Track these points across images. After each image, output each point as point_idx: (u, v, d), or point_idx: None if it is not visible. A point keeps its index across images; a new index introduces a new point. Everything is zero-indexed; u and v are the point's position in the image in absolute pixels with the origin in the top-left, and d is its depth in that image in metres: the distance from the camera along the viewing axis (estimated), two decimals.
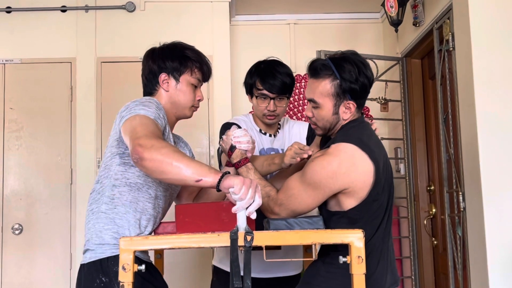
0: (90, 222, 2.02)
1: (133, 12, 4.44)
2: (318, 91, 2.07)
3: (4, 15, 4.38)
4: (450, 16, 3.44)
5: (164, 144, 1.78)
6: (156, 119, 1.95)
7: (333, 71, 2.04)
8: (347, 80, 2.03)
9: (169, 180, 1.80)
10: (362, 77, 2.05)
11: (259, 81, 2.55)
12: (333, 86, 2.05)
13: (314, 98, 2.08)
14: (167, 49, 2.18)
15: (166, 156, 1.74)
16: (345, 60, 2.06)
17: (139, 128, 1.85)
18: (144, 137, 1.79)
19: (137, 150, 1.76)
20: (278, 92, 2.53)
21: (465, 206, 3.30)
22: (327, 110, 2.08)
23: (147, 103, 1.99)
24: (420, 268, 4.28)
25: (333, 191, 1.98)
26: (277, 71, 2.54)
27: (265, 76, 2.54)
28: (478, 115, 3.12)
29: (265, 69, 2.56)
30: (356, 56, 2.09)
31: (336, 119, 2.09)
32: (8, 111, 4.29)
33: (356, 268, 1.69)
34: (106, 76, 4.35)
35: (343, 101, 2.06)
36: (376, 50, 4.73)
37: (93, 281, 1.94)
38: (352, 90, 2.04)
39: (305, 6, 4.74)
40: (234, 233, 1.67)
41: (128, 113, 1.95)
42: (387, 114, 4.54)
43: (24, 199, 4.22)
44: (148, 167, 1.76)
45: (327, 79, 2.05)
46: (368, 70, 2.08)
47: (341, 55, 2.10)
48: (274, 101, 2.55)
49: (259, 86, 2.55)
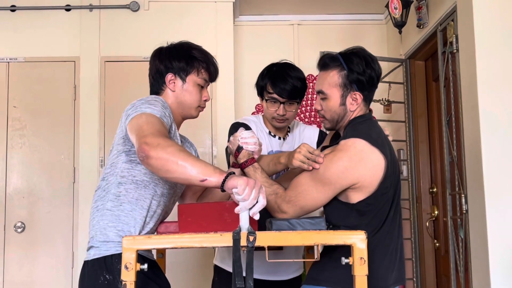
0: (94, 219, 2.03)
1: (137, 12, 4.44)
2: (327, 82, 2.13)
3: (9, 14, 4.39)
4: (454, 18, 3.44)
5: (170, 143, 1.79)
6: (162, 117, 1.95)
7: (341, 62, 2.11)
8: (354, 71, 2.09)
9: (174, 179, 1.81)
10: (369, 69, 2.10)
11: (270, 84, 2.52)
12: (341, 77, 2.11)
13: (323, 89, 2.14)
14: (174, 49, 2.18)
15: (171, 154, 1.74)
16: (353, 54, 2.14)
17: (145, 126, 1.86)
18: (150, 136, 1.80)
19: (143, 148, 1.76)
20: (289, 97, 2.50)
21: (467, 208, 3.30)
22: (335, 100, 2.12)
23: (153, 102, 1.99)
24: (422, 270, 4.28)
25: (343, 186, 1.99)
26: (289, 75, 2.51)
27: (276, 79, 2.51)
28: (482, 117, 3.11)
29: (277, 72, 2.54)
30: (364, 51, 2.16)
31: (344, 111, 2.13)
32: (11, 109, 4.29)
33: (359, 269, 1.69)
34: (110, 75, 4.35)
35: (350, 92, 2.11)
36: (379, 52, 4.73)
37: (96, 278, 1.94)
38: (359, 81, 2.10)
39: (309, 7, 4.74)
40: (237, 233, 1.67)
41: (134, 111, 1.95)
42: (390, 115, 4.54)
43: (26, 198, 4.23)
44: (153, 165, 1.76)
45: (334, 70, 2.12)
46: (376, 64, 2.14)
47: (349, 50, 2.17)
48: (284, 105, 2.52)
49: (270, 89, 2.52)
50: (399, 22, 4.10)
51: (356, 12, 4.84)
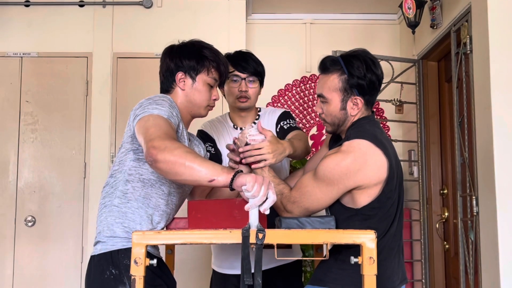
0: (102, 215, 2.04)
1: (150, 8, 4.45)
2: (327, 86, 2.10)
3: (22, 9, 4.42)
4: (468, 19, 3.42)
5: (177, 145, 1.80)
6: (169, 117, 1.95)
7: (341, 66, 2.07)
8: (354, 75, 2.06)
9: (183, 181, 1.82)
10: (370, 74, 2.07)
11: (230, 64, 2.55)
12: (341, 81, 2.08)
13: (323, 93, 2.11)
14: (185, 47, 2.18)
15: (179, 157, 1.75)
16: (354, 57, 2.09)
17: (153, 129, 1.86)
18: (157, 139, 1.81)
19: (151, 153, 1.78)
20: (249, 72, 2.57)
21: (478, 210, 3.28)
22: (335, 105, 2.10)
23: (160, 101, 1.99)
24: (431, 271, 4.26)
25: (347, 187, 1.98)
26: (249, 56, 2.61)
27: (235, 59, 2.58)
28: (494, 119, 3.09)
29: (236, 55, 2.62)
30: (366, 54, 2.12)
31: (344, 115, 2.11)
32: (24, 104, 4.32)
33: (368, 269, 1.68)
34: (122, 71, 4.37)
35: (351, 96, 2.08)
36: (392, 52, 4.72)
37: (103, 272, 1.95)
38: (359, 85, 2.07)
39: (321, 6, 4.73)
40: (246, 231, 1.67)
41: (142, 111, 1.96)
42: (402, 116, 4.52)
43: (37, 192, 4.25)
44: (162, 169, 1.78)
45: (335, 73, 2.09)
46: (378, 68, 2.10)
47: (351, 53, 2.13)
48: (245, 81, 2.57)
49: (231, 68, 2.56)
50: (413, 22, 4.08)
51: (369, 12, 4.83)
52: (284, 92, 4.80)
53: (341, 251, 2.02)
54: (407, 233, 4.47)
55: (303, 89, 4.82)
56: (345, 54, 2.13)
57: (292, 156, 2.33)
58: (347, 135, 2.09)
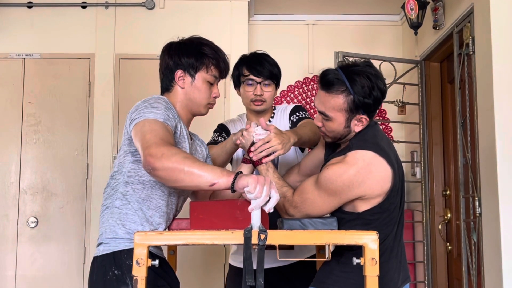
0: (104, 217, 2.04)
1: (153, 10, 4.46)
2: (330, 106, 2.02)
3: (25, 10, 4.43)
4: (471, 19, 3.41)
5: (175, 151, 1.78)
6: (166, 120, 1.93)
7: (346, 86, 1.99)
8: (360, 95, 1.98)
9: (184, 187, 1.82)
10: (376, 91, 2.00)
11: (245, 67, 2.59)
12: (346, 102, 2.00)
13: (326, 112, 2.04)
14: (183, 44, 2.16)
15: (177, 163, 1.74)
16: (358, 74, 1.99)
17: (149, 135, 1.84)
18: (154, 146, 1.79)
19: (148, 161, 1.76)
20: (264, 76, 2.57)
21: (481, 211, 3.27)
22: (339, 124, 2.04)
23: (156, 104, 1.97)
24: (434, 273, 4.25)
25: (349, 198, 1.98)
26: (264, 58, 2.61)
27: (250, 62, 2.59)
28: (497, 120, 3.09)
29: (251, 57, 2.63)
30: (369, 68, 2.03)
31: (347, 132, 2.07)
32: (26, 105, 4.33)
33: (370, 270, 1.68)
34: (124, 72, 4.37)
35: (356, 115, 2.03)
36: (394, 53, 4.71)
37: (105, 273, 1.95)
38: (366, 104, 2.00)
39: (324, 6, 4.73)
40: (248, 231, 1.67)
41: (137, 116, 1.94)
42: (404, 117, 4.52)
43: (40, 193, 4.25)
44: (161, 177, 1.77)
45: (340, 94, 2.00)
46: (382, 82, 2.03)
47: (353, 66, 2.04)
48: (260, 85, 2.58)
49: (246, 72, 2.58)
50: (415, 23, 4.08)
51: (371, 13, 4.82)
52: (286, 93, 4.80)
53: (343, 254, 2.02)
54: (410, 234, 4.47)
55: (305, 90, 4.81)
56: (347, 70, 2.02)
57: (299, 144, 2.34)
58: (349, 145, 2.06)
